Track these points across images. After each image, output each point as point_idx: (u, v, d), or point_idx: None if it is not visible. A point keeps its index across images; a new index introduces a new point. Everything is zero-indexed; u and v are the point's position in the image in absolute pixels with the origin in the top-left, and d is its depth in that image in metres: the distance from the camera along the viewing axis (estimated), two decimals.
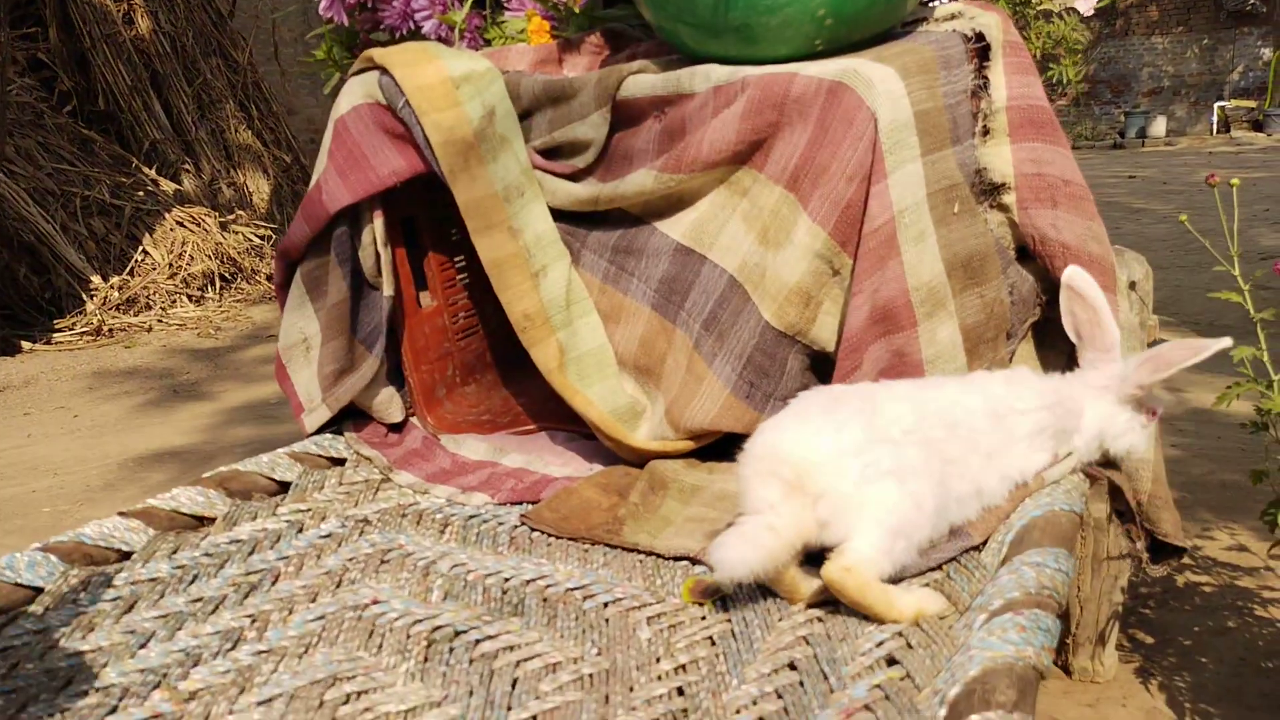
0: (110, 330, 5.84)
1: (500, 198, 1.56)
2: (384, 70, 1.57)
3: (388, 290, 1.68)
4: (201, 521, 1.44)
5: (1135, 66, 19.52)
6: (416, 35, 1.80)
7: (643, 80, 1.51)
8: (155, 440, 3.85)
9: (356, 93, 1.60)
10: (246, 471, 1.56)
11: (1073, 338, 1.38)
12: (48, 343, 5.65)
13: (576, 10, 1.71)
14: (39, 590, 1.23)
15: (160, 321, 6.05)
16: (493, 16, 1.81)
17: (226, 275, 6.79)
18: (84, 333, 5.77)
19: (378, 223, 1.65)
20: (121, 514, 1.38)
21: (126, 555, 1.34)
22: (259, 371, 4.90)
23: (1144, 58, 19.46)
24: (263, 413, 4.14)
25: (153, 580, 1.27)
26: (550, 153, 1.61)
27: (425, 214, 1.81)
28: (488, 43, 1.80)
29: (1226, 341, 1.30)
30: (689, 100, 1.47)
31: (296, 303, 1.67)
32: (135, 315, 6.08)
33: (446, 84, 1.54)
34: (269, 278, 7.03)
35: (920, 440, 1.16)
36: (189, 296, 6.42)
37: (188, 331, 5.87)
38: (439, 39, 1.78)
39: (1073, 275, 1.36)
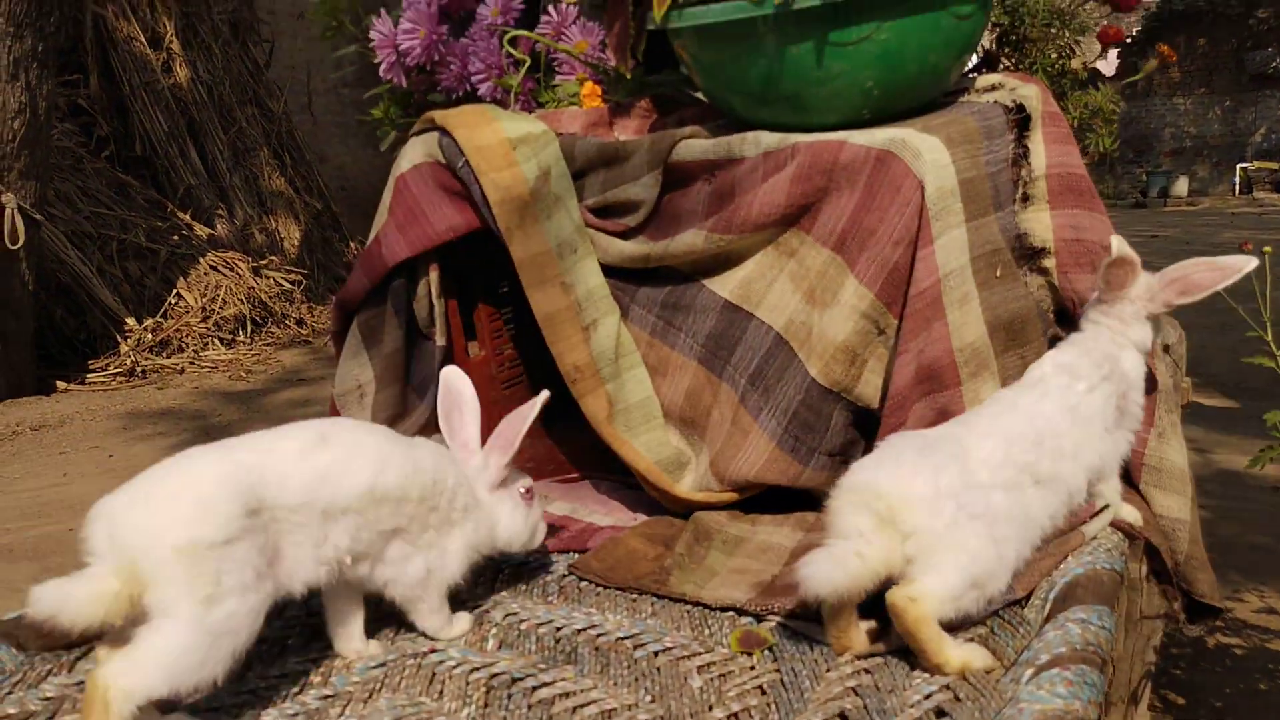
0: (143, 371, 5.93)
1: (554, 254, 1.62)
2: (444, 131, 1.64)
3: (441, 340, 1.74)
4: None
5: (1157, 127, 19.63)
6: (472, 97, 1.87)
7: (694, 145, 1.57)
8: None
9: (418, 152, 1.66)
10: None
11: (1100, 287, 1.40)
12: (82, 383, 5.74)
13: (627, 76, 1.78)
14: None
15: (192, 363, 6.14)
16: (545, 80, 1.88)
17: (257, 319, 6.89)
18: (118, 374, 5.86)
19: (433, 275, 1.71)
20: None
21: None
22: (290, 415, 4.96)
23: (1165, 118, 19.58)
24: None
25: None
26: (602, 211, 1.67)
27: (477, 268, 1.86)
28: (541, 105, 1.87)
29: (1254, 261, 1.34)
30: (739, 164, 1.53)
31: (353, 351, 1.73)
32: (168, 357, 6.17)
33: (504, 145, 1.61)
34: (299, 322, 7.14)
35: (1009, 478, 1.21)
36: (220, 339, 6.52)
37: (219, 374, 5.95)
38: (494, 101, 1.85)
39: (1122, 243, 1.42)
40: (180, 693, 1.03)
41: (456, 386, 1.37)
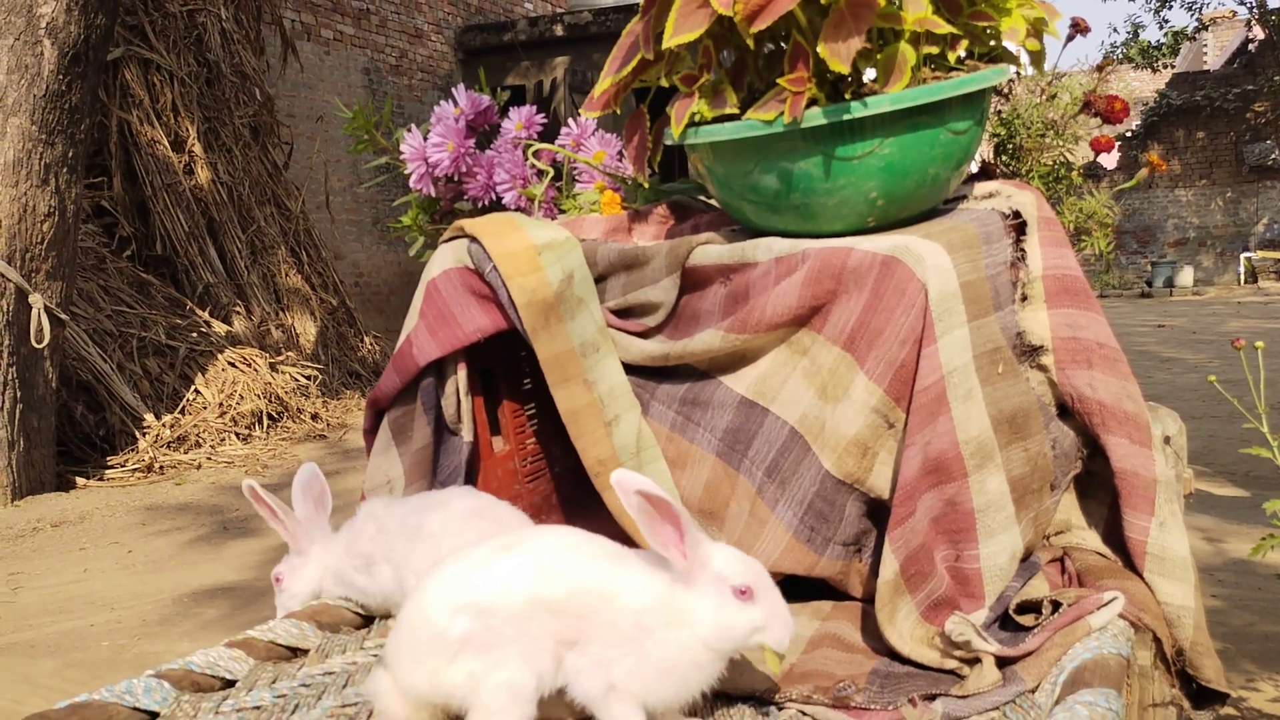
0: (161, 467, 6.00)
1: (577, 353, 1.70)
2: (473, 238, 1.74)
3: (467, 436, 1.81)
4: (295, 653, 1.54)
5: (1160, 218, 19.89)
6: (497, 205, 1.98)
7: (710, 250, 1.67)
8: (207, 576, 3.94)
9: (447, 258, 1.76)
10: (335, 605, 1.66)
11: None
12: (101, 479, 5.81)
13: (644, 185, 1.89)
14: (155, 715, 1.32)
15: (209, 459, 6.21)
16: (567, 189, 1.99)
17: (274, 414, 6.98)
18: (136, 469, 5.93)
19: (461, 374, 1.79)
20: (228, 644, 1.49)
21: (230, 683, 1.43)
22: None
23: (1168, 209, 19.85)
24: None
25: (257, 709, 1.36)
26: (623, 312, 1.76)
27: (501, 365, 1.95)
28: (563, 212, 1.97)
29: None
30: (753, 268, 1.62)
31: (383, 447, 1.80)
32: (185, 453, 6.25)
33: (530, 251, 1.70)
34: (314, 416, 7.23)
35: None
36: (237, 434, 6.60)
37: (236, 469, 6.02)
38: (518, 209, 1.96)
39: None
40: None
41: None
